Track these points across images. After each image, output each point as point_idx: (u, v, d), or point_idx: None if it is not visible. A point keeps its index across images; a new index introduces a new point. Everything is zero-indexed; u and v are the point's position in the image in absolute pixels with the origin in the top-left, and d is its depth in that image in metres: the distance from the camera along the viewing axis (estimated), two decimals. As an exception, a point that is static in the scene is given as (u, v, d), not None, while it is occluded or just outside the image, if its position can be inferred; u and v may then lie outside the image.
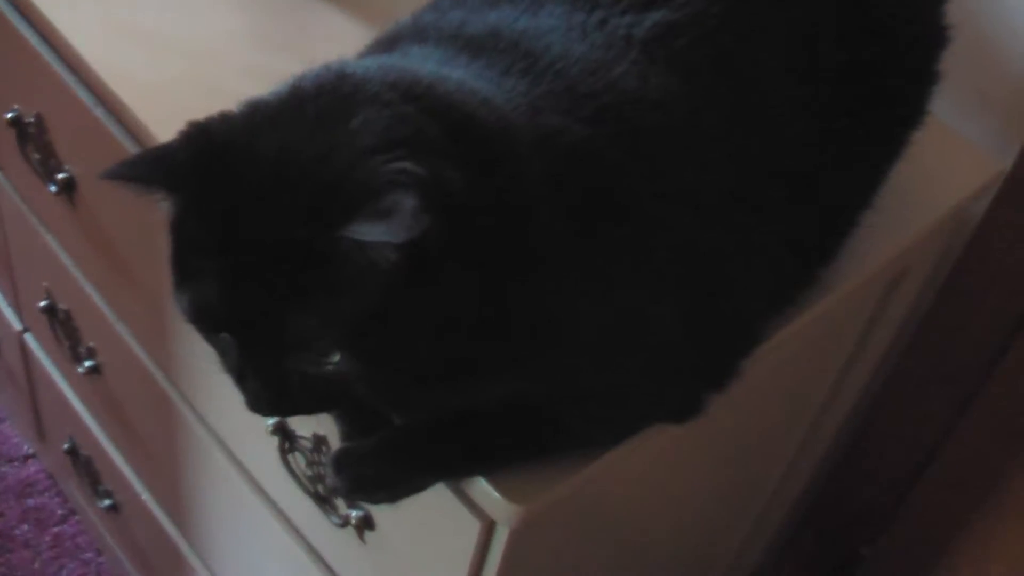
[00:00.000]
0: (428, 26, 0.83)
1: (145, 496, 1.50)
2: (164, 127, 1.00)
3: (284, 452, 1.04)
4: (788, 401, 1.23)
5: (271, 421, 1.03)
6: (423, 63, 0.77)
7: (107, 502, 1.64)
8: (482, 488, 0.81)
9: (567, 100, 0.76)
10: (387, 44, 0.84)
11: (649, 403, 0.83)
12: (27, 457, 1.96)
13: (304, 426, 1.01)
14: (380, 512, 0.98)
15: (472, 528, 0.86)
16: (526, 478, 0.82)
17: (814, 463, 1.42)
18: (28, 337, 1.65)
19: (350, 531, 1.01)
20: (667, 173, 0.79)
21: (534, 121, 0.73)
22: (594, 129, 0.75)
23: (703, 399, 0.85)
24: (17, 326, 1.66)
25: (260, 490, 1.16)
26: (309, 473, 1.03)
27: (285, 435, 1.03)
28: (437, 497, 0.87)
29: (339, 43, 0.83)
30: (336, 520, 1.01)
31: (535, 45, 0.78)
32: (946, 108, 1.14)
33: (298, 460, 1.04)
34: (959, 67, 1.08)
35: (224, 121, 0.71)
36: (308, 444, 1.02)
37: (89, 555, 1.85)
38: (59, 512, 1.89)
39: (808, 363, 1.18)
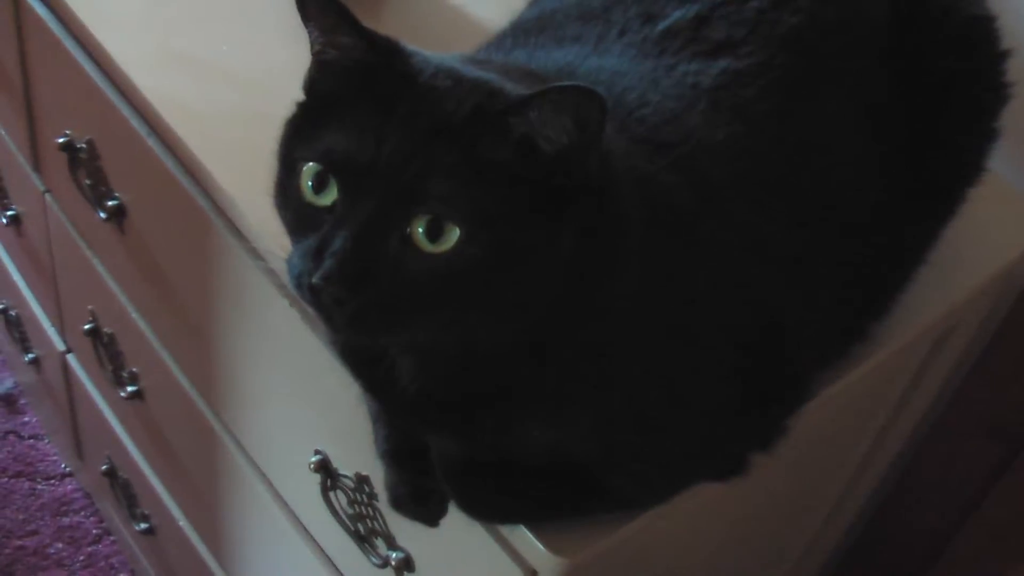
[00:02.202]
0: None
1: (182, 522, 1.50)
2: (215, 158, 1.02)
3: (326, 489, 1.04)
4: (831, 453, 1.21)
5: (315, 458, 1.03)
6: None
7: (143, 525, 1.64)
8: (526, 538, 0.81)
9: (649, 146, 0.76)
10: None
11: (694, 463, 0.83)
12: (64, 475, 1.97)
13: (347, 465, 1.01)
14: (420, 555, 0.98)
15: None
16: (568, 530, 0.81)
17: (855, 514, 1.41)
18: (70, 358, 1.66)
19: (389, 572, 1.01)
20: (736, 224, 0.78)
21: (628, 163, 0.73)
22: (678, 178, 0.75)
23: (747, 458, 0.84)
24: (60, 347, 1.67)
25: (299, 525, 1.16)
26: (350, 512, 1.03)
27: (328, 472, 1.03)
28: (479, 543, 0.87)
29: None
30: (376, 560, 1.01)
31: (611, 88, 0.78)
32: (1002, 162, 1.13)
33: (339, 498, 1.04)
34: (1012, 118, 1.08)
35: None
36: (350, 483, 1.01)
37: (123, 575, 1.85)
38: (94, 532, 1.90)
39: (854, 416, 1.16)
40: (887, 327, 0.97)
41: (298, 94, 1.06)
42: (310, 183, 0.68)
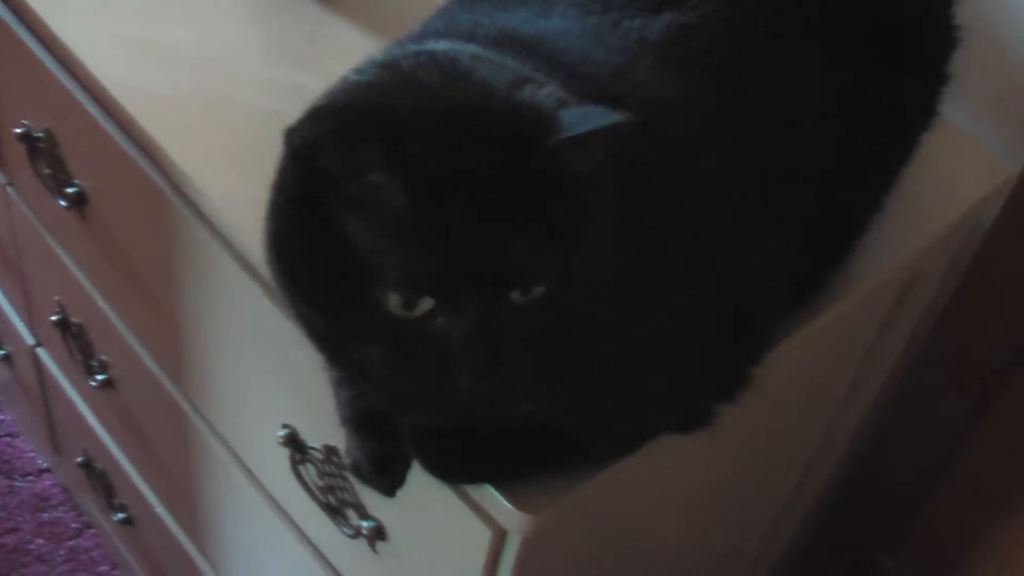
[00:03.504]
0: (440, 32, 0.82)
1: (159, 509, 1.50)
2: (174, 141, 1.01)
3: (295, 463, 1.04)
4: (802, 407, 1.22)
5: (283, 433, 1.03)
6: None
7: (121, 515, 1.64)
8: (493, 497, 0.81)
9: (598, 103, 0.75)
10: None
11: (659, 416, 0.83)
12: (42, 471, 1.96)
13: (315, 437, 1.01)
14: (391, 523, 0.98)
15: (483, 537, 0.86)
16: (536, 488, 0.81)
17: (829, 469, 1.41)
18: (41, 352, 1.65)
19: (362, 542, 1.01)
20: (692, 176, 0.78)
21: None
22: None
23: (713, 410, 0.84)
24: (30, 341, 1.66)
25: (273, 502, 1.16)
26: (321, 484, 1.03)
27: (296, 446, 1.03)
28: (448, 506, 0.87)
29: (350, 55, 0.83)
30: (348, 531, 1.01)
31: (555, 48, 0.78)
32: (960, 113, 1.14)
33: (309, 471, 1.04)
34: (973, 72, 1.08)
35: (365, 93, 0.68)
36: (319, 455, 1.01)
37: (104, 568, 1.84)
38: (74, 526, 1.89)
39: (822, 368, 1.17)
40: (848, 276, 0.97)
41: (258, 76, 1.07)
42: (400, 305, 0.66)
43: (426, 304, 0.65)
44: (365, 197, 0.64)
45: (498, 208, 0.63)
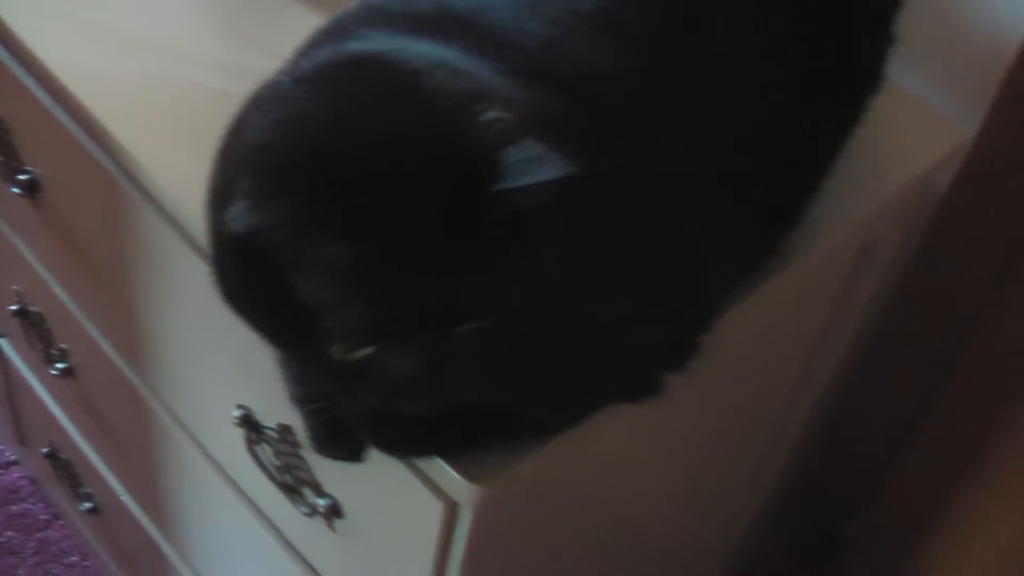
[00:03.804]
0: (376, 10, 0.82)
1: (125, 497, 1.49)
2: (125, 126, 1.00)
3: (251, 443, 1.04)
4: (761, 376, 1.22)
5: (237, 413, 1.02)
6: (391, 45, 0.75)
7: (88, 505, 1.63)
8: (442, 469, 0.81)
9: (528, 76, 0.75)
10: (337, 33, 0.81)
11: (605, 385, 0.82)
12: (9, 464, 1.95)
13: (269, 417, 1.01)
14: (347, 500, 0.97)
15: (436, 510, 0.86)
16: (485, 459, 0.81)
17: (793, 440, 1.42)
18: (3, 343, 1.64)
19: (319, 520, 1.01)
20: (630, 144, 0.78)
21: (513, 92, 0.72)
22: (562, 104, 0.75)
23: (661, 379, 0.84)
24: (-8, 332, 1.66)
25: (233, 484, 1.16)
26: (277, 463, 1.03)
27: (251, 426, 1.03)
28: (400, 481, 0.87)
29: (303, 36, 0.82)
30: (304, 509, 1.01)
31: (487, 22, 0.77)
32: (912, 77, 1.14)
33: (265, 451, 1.04)
34: (925, 35, 1.08)
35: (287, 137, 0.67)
36: (274, 434, 1.01)
37: (74, 559, 1.84)
38: (43, 518, 1.89)
39: (780, 335, 1.17)
40: (803, 242, 0.97)
41: (212, 58, 1.06)
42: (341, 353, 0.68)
43: (368, 350, 0.66)
44: (300, 255, 0.64)
45: (439, 254, 0.64)
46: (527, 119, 0.68)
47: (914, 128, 1.10)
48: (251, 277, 0.68)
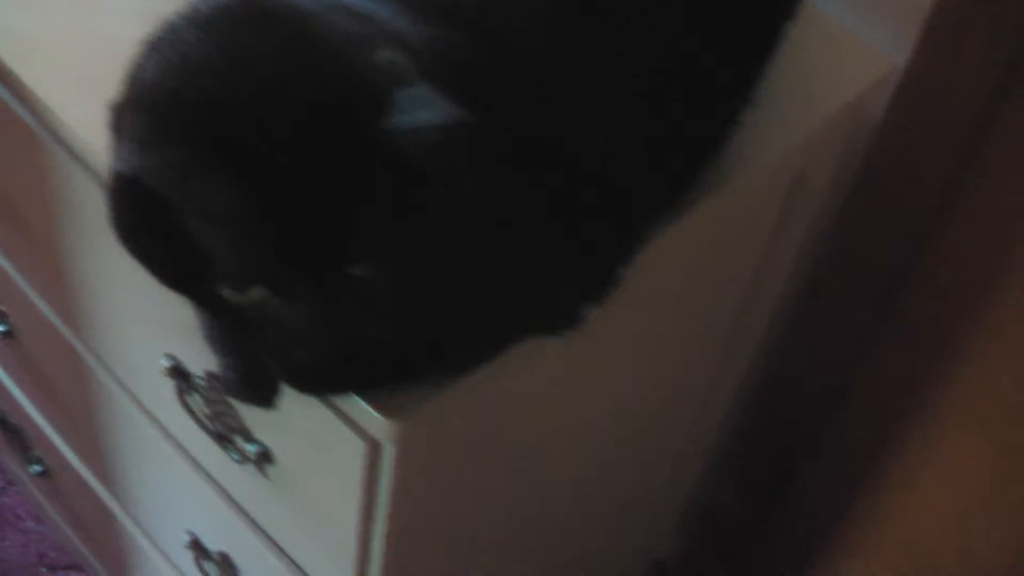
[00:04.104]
0: None
1: (71, 457, 1.49)
2: (40, 75, 0.99)
3: (182, 393, 1.03)
4: (700, 312, 1.22)
5: (167, 363, 1.02)
6: None
7: (38, 468, 1.62)
8: (360, 407, 0.80)
9: (436, 18, 0.74)
10: None
11: (520, 319, 0.82)
12: (-38, 432, 1.94)
13: (197, 365, 1.00)
14: (275, 445, 0.97)
15: (358, 449, 0.85)
16: (404, 395, 0.81)
17: (739, 377, 1.42)
18: (-55, 308, 1.63)
19: (252, 468, 1.00)
20: (532, 76, 0.77)
21: (414, 31, 0.72)
22: (464, 36, 0.74)
23: (579, 311, 0.83)
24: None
25: (169, 436, 1.15)
26: (208, 412, 1.02)
27: (181, 375, 1.02)
28: (323, 421, 0.86)
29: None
30: (236, 457, 1.00)
31: None
32: (837, 6, 1.13)
33: (196, 401, 1.03)
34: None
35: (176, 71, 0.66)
36: (203, 383, 1.00)
37: (29, 524, 1.83)
38: (-1, 485, 1.88)
39: (715, 270, 1.16)
40: (726, 173, 0.97)
41: (129, 5, 1.04)
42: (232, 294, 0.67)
43: (258, 291, 0.66)
44: (186, 197, 0.64)
45: (328, 193, 0.63)
46: (426, 61, 0.67)
47: (840, 57, 1.10)
48: (142, 218, 0.67)
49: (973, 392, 1.28)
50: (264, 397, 0.84)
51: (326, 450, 0.90)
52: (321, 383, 0.81)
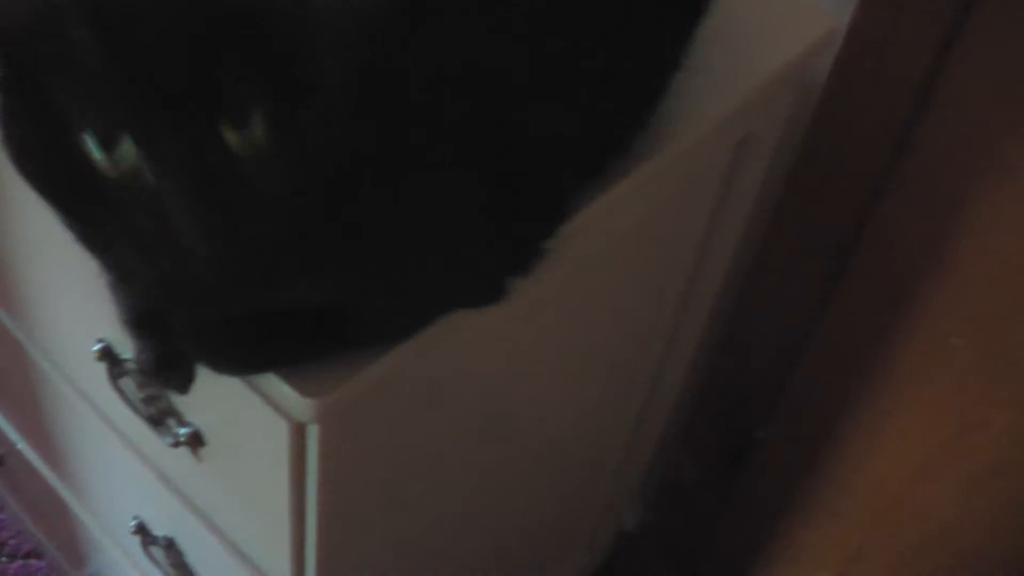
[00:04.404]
0: None
1: (21, 445, 1.47)
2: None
3: (114, 377, 1.01)
4: (647, 280, 1.20)
5: (97, 347, 1.00)
6: None
7: (-9, 456, 1.61)
8: (278, 385, 0.79)
9: None
10: None
11: (442, 292, 0.80)
12: (-81, 421, 1.91)
13: (128, 349, 0.98)
14: (206, 426, 0.96)
15: (282, 429, 0.83)
16: (324, 372, 0.79)
17: (693, 346, 1.40)
18: None
19: (186, 450, 0.99)
20: (447, 41, 0.75)
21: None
22: None
23: (502, 283, 0.81)
24: None
25: (107, 420, 1.13)
26: (141, 396, 1.00)
27: (111, 359, 1.00)
28: (247, 402, 0.84)
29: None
30: (169, 440, 0.99)
31: None
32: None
33: (129, 384, 1.01)
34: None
35: None
36: (133, 366, 0.98)
37: (-11, 513, 1.82)
38: (-44, 474, 1.86)
39: (660, 236, 1.15)
40: (663, 137, 0.95)
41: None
42: (98, 150, 0.61)
43: (128, 151, 0.61)
44: (45, 31, 0.60)
45: (199, 39, 0.60)
46: None
47: (781, 17, 1.08)
48: (19, 102, 0.63)
49: (924, 350, 1.26)
50: (180, 381, 0.82)
51: (253, 431, 0.88)
52: (236, 359, 0.79)
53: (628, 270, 1.13)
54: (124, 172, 0.61)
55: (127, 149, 0.61)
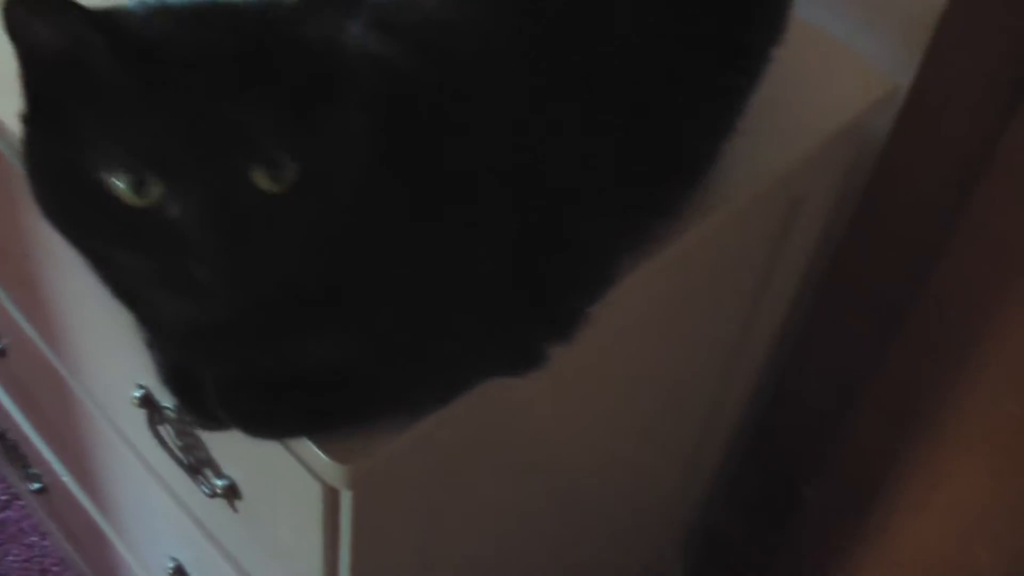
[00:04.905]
0: None
1: (65, 477, 1.47)
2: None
3: (153, 424, 1.01)
4: (695, 338, 1.18)
5: (138, 393, 0.99)
6: None
7: (37, 485, 1.61)
8: (310, 449, 0.78)
9: (384, 33, 0.71)
10: None
11: (479, 359, 0.78)
12: (-31, 444, 1.93)
13: (169, 397, 0.98)
14: (242, 480, 0.95)
15: (316, 492, 0.82)
16: (359, 437, 0.78)
17: (743, 402, 1.38)
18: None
19: (223, 501, 0.98)
20: (490, 102, 0.74)
21: (361, 51, 0.69)
22: (416, 60, 0.71)
23: (543, 349, 0.80)
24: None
25: (147, 465, 1.13)
26: (180, 444, 1.00)
27: (152, 406, 1.00)
28: (283, 461, 0.83)
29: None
30: (206, 490, 0.98)
31: None
32: (838, 25, 1.10)
33: (169, 432, 1.01)
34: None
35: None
36: (172, 414, 0.98)
37: (34, 539, 1.82)
38: (2, 498, 1.87)
39: (709, 295, 1.13)
40: (704, 201, 0.93)
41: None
42: (128, 188, 0.60)
43: (156, 190, 0.60)
44: (82, 70, 0.60)
45: (225, 78, 0.60)
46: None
47: (841, 76, 1.06)
48: (43, 135, 0.63)
49: (978, 414, 1.23)
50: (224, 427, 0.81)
51: (288, 490, 0.87)
52: (268, 424, 0.78)
53: (676, 329, 1.11)
54: (150, 204, 0.60)
55: (154, 185, 0.60)
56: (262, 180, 0.61)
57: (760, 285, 1.19)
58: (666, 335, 1.10)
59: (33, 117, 0.63)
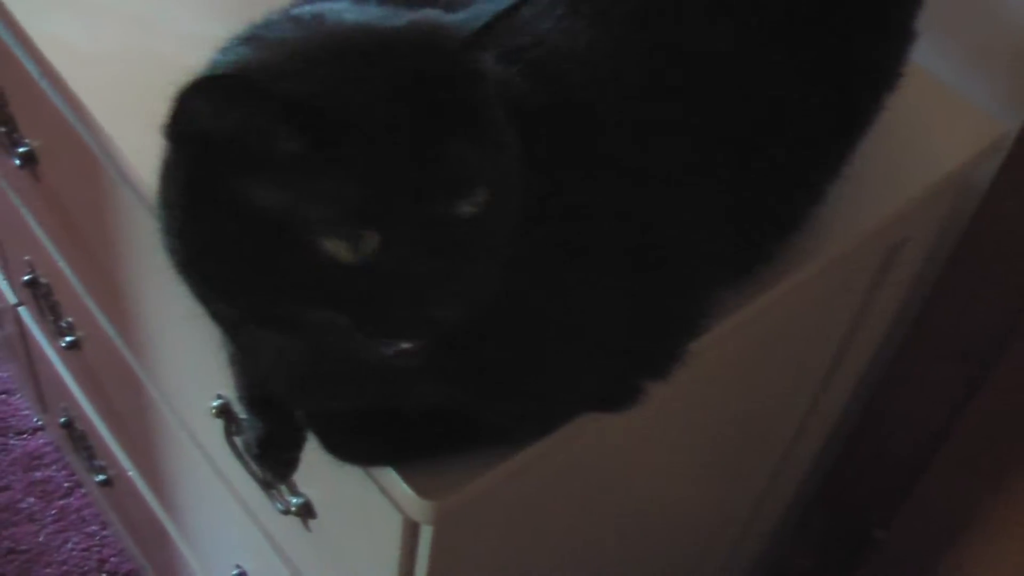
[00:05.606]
0: None
1: (132, 472, 1.47)
2: (99, 97, 0.96)
3: (230, 435, 1.00)
4: (780, 379, 1.16)
5: (216, 403, 0.98)
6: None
7: (101, 477, 1.61)
8: (396, 483, 0.76)
9: (499, 51, 0.70)
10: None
11: (577, 395, 0.77)
12: (36, 429, 1.94)
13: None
14: (319, 501, 0.93)
15: (396, 523, 0.81)
16: (446, 473, 0.76)
17: (819, 442, 1.35)
18: (22, 311, 1.62)
19: (296, 518, 0.97)
20: (599, 135, 0.72)
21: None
22: (530, 84, 0.70)
23: (640, 387, 0.78)
24: (12, 299, 1.64)
25: (219, 472, 1.12)
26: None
27: (229, 417, 0.99)
28: (365, 489, 0.82)
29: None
30: (280, 506, 0.97)
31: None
32: (946, 69, 1.07)
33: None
34: (960, 25, 1.01)
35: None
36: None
37: (94, 528, 1.83)
38: (65, 485, 1.87)
39: (802, 337, 1.10)
40: (803, 246, 0.90)
41: (184, 30, 1.01)
42: (344, 248, 0.59)
43: (371, 240, 0.58)
44: (269, 154, 0.58)
45: (418, 117, 0.58)
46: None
47: (947, 122, 1.03)
48: (207, 213, 0.61)
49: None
50: (280, 468, 0.80)
51: (366, 518, 0.86)
52: (360, 451, 0.77)
53: (763, 370, 1.09)
54: (364, 256, 0.59)
55: (368, 239, 0.58)
56: (464, 208, 0.60)
57: (850, 329, 1.16)
58: (752, 375, 1.08)
59: (192, 184, 0.61)
